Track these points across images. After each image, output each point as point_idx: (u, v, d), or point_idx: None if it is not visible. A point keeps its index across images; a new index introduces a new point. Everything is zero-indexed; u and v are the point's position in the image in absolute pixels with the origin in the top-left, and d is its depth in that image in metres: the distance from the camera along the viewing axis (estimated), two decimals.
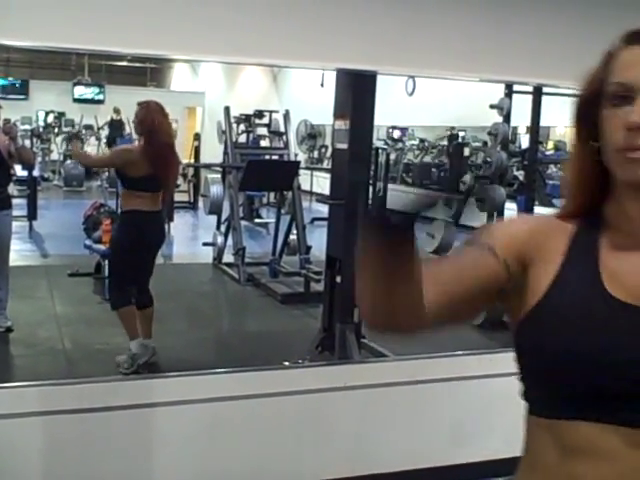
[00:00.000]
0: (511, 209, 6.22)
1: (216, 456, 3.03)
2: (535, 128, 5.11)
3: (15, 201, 12.77)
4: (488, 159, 5.64)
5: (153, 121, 4.32)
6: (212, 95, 21.45)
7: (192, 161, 12.19)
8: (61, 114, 17.53)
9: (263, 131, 10.99)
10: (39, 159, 14.61)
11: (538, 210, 8.98)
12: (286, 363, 3.81)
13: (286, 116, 9.06)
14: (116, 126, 16.58)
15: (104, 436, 2.89)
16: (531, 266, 1.02)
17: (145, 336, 4.44)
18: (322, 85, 5.18)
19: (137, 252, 4.41)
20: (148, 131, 4.35)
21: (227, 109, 8.43)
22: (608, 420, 0.94)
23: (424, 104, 11.59)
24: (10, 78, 20.02)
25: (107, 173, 8.71)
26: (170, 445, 3.01)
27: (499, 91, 6.00)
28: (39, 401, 2.84)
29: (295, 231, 7.38)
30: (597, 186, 1.03)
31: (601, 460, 0.95)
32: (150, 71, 24.88)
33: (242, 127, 10.59)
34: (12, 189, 13.89)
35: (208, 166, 11.68)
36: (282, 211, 8.42)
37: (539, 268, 1.02)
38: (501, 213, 5.87)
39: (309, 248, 7.17)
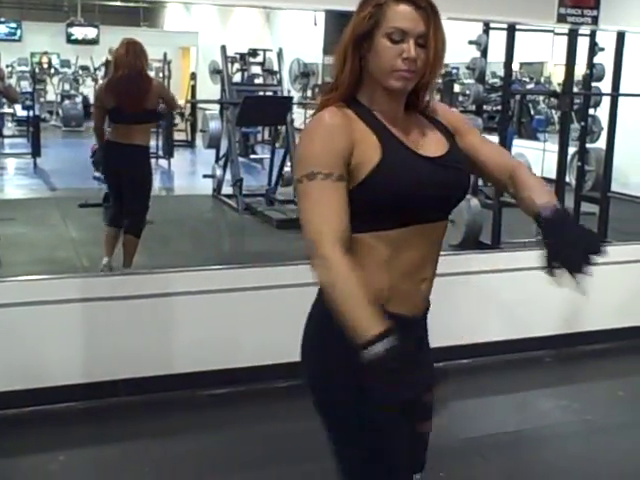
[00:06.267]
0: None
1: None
2: (509, 63, 5.51)
3: (16, 140, 13.15)
4: (467, 92, 6.08)
5: (115, 57, 4.77)
6: (206, 35, 21.47)
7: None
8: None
9: (257, 70, 11.32)
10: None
11: (519, 143, 9.39)
12: None
13: (279, 54, 9.41)
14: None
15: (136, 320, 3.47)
16: (356, 149, 1.50)
17: (125, 264, 4.75)
18: (315, 24, 5.51)
19: (112, 180, 4.89)
20: (112, 66, 4.86)
21: (224, 48, 8.78)
22: (418, 222, 1.55)
23: None
24: (2, 19, 19.99)
25: None
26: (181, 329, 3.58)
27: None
28: (74, 290, 3.43)
29: (289, 163, 7.82)
30: (355, 82, 1.56)
31: (413, 249, 1.57)
32: (143, 11, 24.83)
33: (237, 66, 10.88)
34: (12, 129, 14.25)
35: (207, 102, 12.01)
36: (276, 145, 8.86)
37: (363, 146, 1.51)
38: None
39: None
